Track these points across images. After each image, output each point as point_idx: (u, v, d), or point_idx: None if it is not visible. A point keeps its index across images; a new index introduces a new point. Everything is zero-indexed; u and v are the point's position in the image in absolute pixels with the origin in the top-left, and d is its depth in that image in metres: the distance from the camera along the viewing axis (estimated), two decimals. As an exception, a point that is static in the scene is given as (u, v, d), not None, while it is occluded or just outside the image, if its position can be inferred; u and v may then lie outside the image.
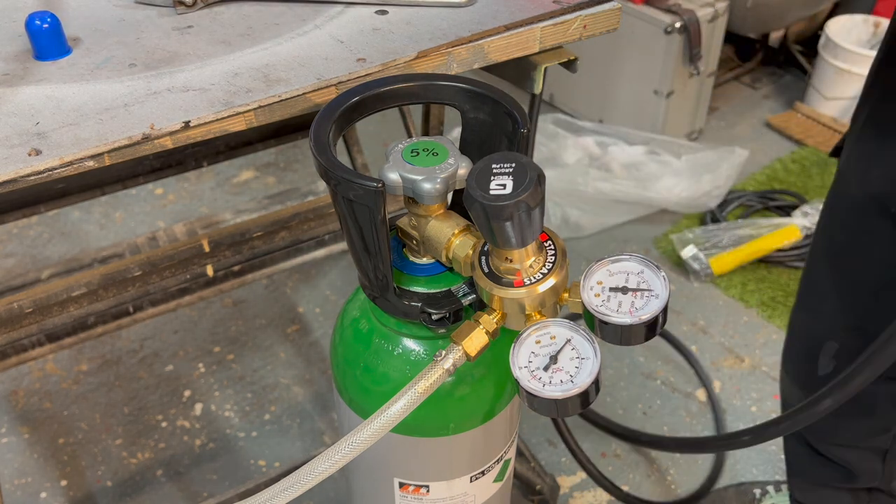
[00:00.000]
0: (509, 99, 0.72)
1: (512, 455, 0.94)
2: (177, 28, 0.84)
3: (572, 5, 0.88)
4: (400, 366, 0.79)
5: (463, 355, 0.67)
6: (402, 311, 0.75)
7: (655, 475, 1.66)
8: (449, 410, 0.81)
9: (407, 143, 0.72)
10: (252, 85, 0.75)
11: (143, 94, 0.74)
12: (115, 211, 2.26)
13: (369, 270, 0.73)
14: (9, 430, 1.72)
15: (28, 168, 0.65)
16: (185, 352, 1.88)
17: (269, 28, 0.84)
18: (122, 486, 1.62)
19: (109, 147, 0.68)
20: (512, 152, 0.61)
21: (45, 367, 1.84)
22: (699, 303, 2.02)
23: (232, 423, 1.73)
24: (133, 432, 1.71)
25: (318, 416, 1.75)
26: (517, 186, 0.59)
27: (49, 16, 0.77)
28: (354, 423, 0.83)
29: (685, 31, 2.25)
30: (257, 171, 2.41)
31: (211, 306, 1.98)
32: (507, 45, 0.84)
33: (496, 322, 0.69)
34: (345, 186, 0.66)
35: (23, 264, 2.09)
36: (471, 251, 0.71)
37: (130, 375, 1.83)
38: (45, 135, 0.69)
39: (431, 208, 0.73)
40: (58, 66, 0.78)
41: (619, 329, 0.64)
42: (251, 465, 1.66)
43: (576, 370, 0.64)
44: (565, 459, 1.68)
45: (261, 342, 1.91)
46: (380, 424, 0.64)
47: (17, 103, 0.72)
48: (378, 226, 0.67)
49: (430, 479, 0.86)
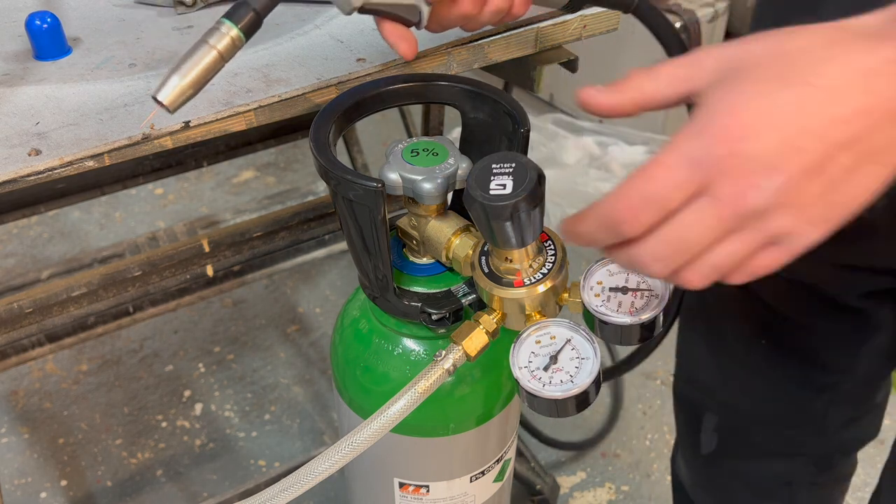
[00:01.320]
0: (509, 99, 0.72)
1: (512, 455, 0.94)
2: (177, 28, 0.84)
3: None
4: (400, 366, 0.79)
5: (463, 355, 0.67)
6: (402, 311, 0.75)
7: (656, 475, 1.66)
8: (449, 410, 0.81)
9: (407, 142, 0.72)
10: (252, 85, 0.75)
11: (143, 94, 0.74)
12: (115, 211, 2.26)
13: (369, 270, 0.73)
14: (9, 430, 1.72)
15: (28, 168, 0.65)
16: (185, 352, 1.88)
17: (269, 28, 0.84)
18: (122, 486, 1.62)
19: (109, 147, 0.68)
20: (512, 152, 0.61)
21: (45, 367, 1.84)
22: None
23: (232, 423, 1.73)
24: (133, 432, 1.71)
25: (318, 416, 1.75)
26: (517, 186, 0.58)
27: (49, 16, 0.77)
28: (354, 423, 0.83)
29: (685, 31, 2.24)
30: (257, 171, 2.41)
31: (211, 306, 1.98)
32: (506, 45, 0.84)
33: (496, 322, 0.69)
34: (345, 186, 0.66)
35: (23, 264, 2.09)
36: (471, 251, 0.71)
37: (130, 375, 1.83)
38: (45, 135, 0.68)
39: (431, 208, 0.73)
40: (58, 66, 0.78)
41: (619, 329, 0.64)
42: (251, 465, 1.66)
43: (576, 370, 0.64)
44: (565, 460, 1.68)
45: (261, 342, 1.91)
46: (380, 424, 0.64)
47: (17, 103, 0.72)
48: (378, 226, 0.67)
49: (430, 479, 0.86)
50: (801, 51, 0.46)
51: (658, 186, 0.47)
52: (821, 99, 0.45)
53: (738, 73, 0.47)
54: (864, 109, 0.44)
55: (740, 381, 0.99)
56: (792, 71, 0.45)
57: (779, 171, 0.45)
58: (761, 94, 0.45)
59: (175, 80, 0.55)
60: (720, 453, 1.05)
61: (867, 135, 0.45)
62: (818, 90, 0.45)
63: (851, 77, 0.44)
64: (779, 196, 0.45)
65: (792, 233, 0.47)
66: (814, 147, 0.45)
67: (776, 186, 0.45)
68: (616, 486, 1.64)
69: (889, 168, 0.46)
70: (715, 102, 0.47)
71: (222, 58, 0.56)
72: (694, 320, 1.03)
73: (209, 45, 0.56)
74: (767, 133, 0.45)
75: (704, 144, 0.46)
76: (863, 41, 0.45)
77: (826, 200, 0.46)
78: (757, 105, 0.45)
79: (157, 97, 0.55)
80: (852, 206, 0.47)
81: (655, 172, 0.47)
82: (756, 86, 0.46)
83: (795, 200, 0.46)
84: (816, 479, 1.04)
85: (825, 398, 0.95)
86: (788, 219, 0.46)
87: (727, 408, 1.02)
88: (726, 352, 0.99)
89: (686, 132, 0.47)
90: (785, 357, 0.94)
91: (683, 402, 1.11)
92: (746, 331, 0.95)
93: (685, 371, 1.09)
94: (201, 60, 0.55)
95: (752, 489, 1.06)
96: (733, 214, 0.46)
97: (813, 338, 0.92)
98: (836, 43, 0.46)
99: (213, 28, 0.56)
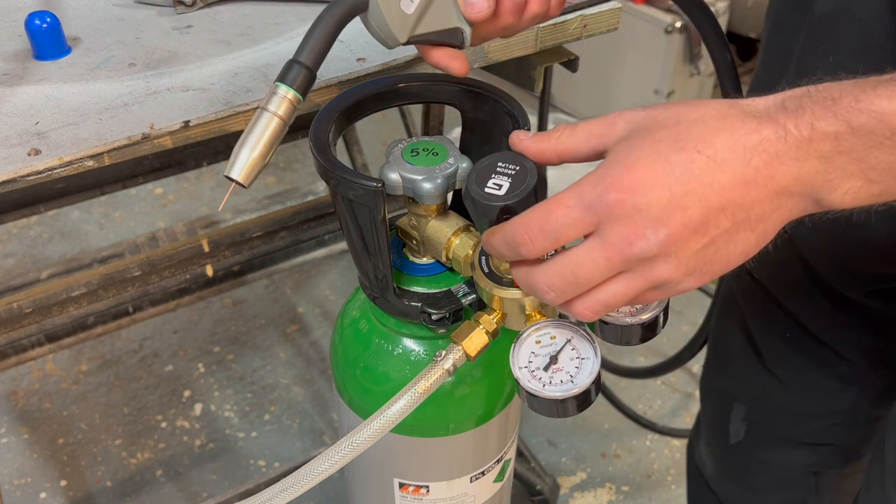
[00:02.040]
0: (509, 98, 0.72)
1: (512, 455, 0.94)
2: (176, 28, 0.84)
3: (572, 5, 0.88)
4: (400, 366, 0.79)
5: (463, 355, 0.67)
6: (402, 311, 0.75)
7: (656, 475, 1.66)
8: (449, 410, 0.81)
9: (407, 142, 0.72)
10: (252, 85, 0.75)
11: (142, 93, 0.74)
12: (114, 211, 2.26)
13: (369, 270, 0.73)
14: (8, 430, 1.71)
15: (28, 168, 0.65)
16: (185, 352, 1.88)
17: (269, 28, 0.84)
18: (122, 486, 1.62)
19: (109, 147, 0.68)
20: (523, 156, 0.61)
21: (44, 367, 1.84)
22: (699, 303, 2.02)
23: (232, 423, 1.73)
24: (133, 432, 1.71)
25: (318, 416, 1.75)
26: (511, 190, 0.58)
27: (49, 15, 0.77)
28: (354, 423, 0.83)
29: (685, 31, 2.24)
30: (257, 171, 2.41)
31: (211, 306, 1.98)
32: (507, 45, 0.84)
33: (496, 322, 0.68)
34: (345, 186, 0.66)
35: (23, 264, 2.09)
36: (471, 251, 0.71)
37: (130, 375, 1.83)
38: (44, 134, 0.68)
39: (431, 208, 0.72)
40: (57, 65, 0.78)
41: (619, 329, 0.64)
42: (251, 465, 1.66)
43: (576, 370, 0.64)
44: (565, 460, 1.68)
45: (261, 342, 1.91)
46: (380, 425, 0.64)
47: (16, 103, 0.72)
48: (378, 226, 0.67)
49: (430, 480, 0.86)
50: (697, 121, 0.51)
51: (553, 221, 0.53)
52: (706, 166, 0.50)
53: (642, 133, 0.53)
54: (743, 180, 0.50)
55: (770, 373, 1.01)
56: (686, 137, 0.51)
57: (664, 225, 0.50)
58: (657, 154, 0.51)
59: (245, 155, 0.55)
60: (748, 443, 1.06)
61: (745, 203, 0.50)
62: (705, 158, 0.50)
63: (734, 150, 0.50)
64: (662, 247, 0.51)
65: (672, 281, 0.52)
66: (696, 206, 0.50)
67: (660, 239, 0.50)
68: (616, 486, 1.64)
69: (764, 235, 0.52)
70: (616, 155, 0.53)
71: (284, 122, 0.57)
72: (728, 311, 1.05)
73: (270, 113, 0.56)
74: (657, 189, 0.50)
75: (600, 191, 0.51)
76: (750, 120, 0.50)
77: (705, 257, 0.52)
78: (651, 164, 0.51)
79: (230, 176, 0.56)
80: (728, 265, 0.53)
81: (554, 208, 0.53)
82: (653, 146, 0.51)
83: (677, 253, 0.51)
84: (843, 469, 1.05)
85: (853, 390, 0.96)
86: (670, 268, 0.52)
87: (757, 398, 1.04)
88: (755, 344, 1.01)
89: (587, 178, 0.53)
90: (812, 350, 0.95)
91: (712, 391, 1.12)
92: (773, 323, 0.97)
93: (717, 361, 1.11)
94: (266, 130, 0.56)
95: (777, 479, 1.07)
96: (620, 258, 0.51)
97: (834, 332, 0.93)
98: (728, 118, 0.51)
99: (270, 94, 0.56)
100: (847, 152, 0.49)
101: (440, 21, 0.63)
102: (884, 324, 0.90)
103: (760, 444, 1.06)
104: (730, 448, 1.09)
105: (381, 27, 0.62)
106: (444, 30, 0.63)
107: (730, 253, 0.52)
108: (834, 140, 0.49)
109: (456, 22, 0.64)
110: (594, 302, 0.54)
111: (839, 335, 0.93)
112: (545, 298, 0.55)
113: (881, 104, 0.48)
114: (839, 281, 0.87)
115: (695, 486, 1.22)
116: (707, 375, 1.14)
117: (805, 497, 1.07)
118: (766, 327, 0.98)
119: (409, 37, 0.63)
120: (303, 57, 0.58)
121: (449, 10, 0.63)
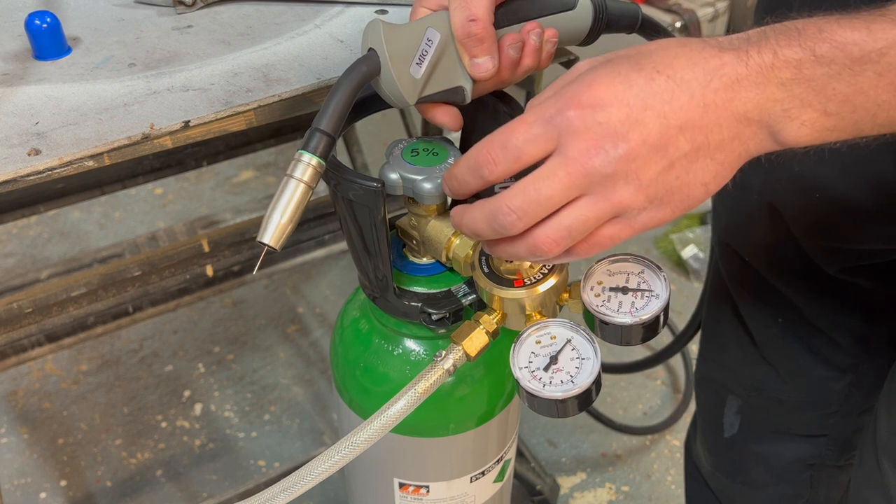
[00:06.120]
0: (509, 98, 0.72)
1: (512, 455, 0.94)
2: (176, 28, 0.84)
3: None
4: (400, 366, 0.79)
5: (463, 355, 0.67)
6: (402, 311, 0.75)
7: (656, 475, 1.66)
8: (449, 410, 0.81)
9: (407, 142, 0.72)
10: (252, 85, 0.75)
11: (142, 93, 0.74)
12: (114, 211, 2.26)
13: (369, 270, 0.73)
14: (8, 430, 1.71)
15: (27, 168, 0.65)
16: (185, 352, 1.88)
17: (269, 28, 0.84)
18: (122, 486, 1.62)
19: (109, 147, 0.68)
20: None
21: (44, 368, 1.84)
22: (699, 303, 2.02)
23: (232, 424, 1.73)
24: (133, 432, 1.71)
25: (318, 416, 1.75)
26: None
27: (49, 15, 0.77)
28: (354, 423, 0.83)
29: (685, 31, 2.24)
30: (257, 171, 2.41)
31: (211, 306, 1.98)
32: (507, 45, 0.84)
33: (496, 322, 0.69)
34: (345, 186, 0.66)
35: (22, 264, 2.09)
36: (471, 251, 0.71)
37: (130, 375, 1.83)
38: (44, 134, 0.68)
39: (431, 208, 0.73)
40: (57, 65, 0.78)
41: (619, 329, 0.64)
42: (251, 465, 1.66)
43: (576, 370, 0.64)
44: (565, 460, 1.68)
45: (261, 342, 1.90)
46: (380, 425, 0.64)
47: (16, 103, 0.72)
48: (378, 226, 0.67)
49: (430, 480, 0.86)
50: (658, 48, 0.53)
51: (514, 138, 0.54)
52: (665, 85, 0.51)
53: (602, 62, 0.54)
54: (702, 101, 0.51)
55: (764, 361, 1.00)
56: (647, 60, 0.52)
57: (623, 140, 0.51)
58: (616, 73, 0.52)
59: (275, 221, 0.59)
60: (742, 436, 1.06)
61: (704, 126, 0.51)
62: (664, 77, 0.51)
63: (694, 72, 0.51)
64: (621, 163, 0.51)
65: (633, 207, 0.53)
66: (654, 123, 0.51)
67: (620, 154, 0.51)
68: (616, 486, 1.64)
69: (723, 167, 0.53)
70: (577, 78, 0.54)
71: (310, 188, 0.60)
72: (720, 299, 1.05)
73: (296, 180, 0.60)
74: (616, 106, 0.51)
75: (560, 106, 0.52)
76: (711, 47, 0.52)
77: (665, 181, 0.52)
78: (610, 81, 0.52)
79: (262, 241, 0.60)
80: (689, 198, 0.53)
81: (515, 126, 0.54)
82: (614, 68, 0.53)
83: (637, 173, 0.52)
84: (838, 462, 1.05)
85: (847, 379, 0.96)
86: (630, 191, 0.52)
87: (751, 389, 1.03)
88: (748, 332, 1.01)
89: (547, 95, 0.54)
90: (803, 337, 0.95)
91: (707, 384, 1.12)
92: (764, 310, 0.97)
93: (710, 352, 1.11)
94: (293, 197, 0.60)
95: (773, 472, 1.07)
96: (580, 172, 0.52)
97: (825, 316, 0.93)
98: (688, 45, 0.52)
99: (295, 161, 0.60)
100: (807, 81, 0.50)
101: (445, 81, 0.66)
102: (874, 306, 0.90)
103: (754, 437, 1.06)
104: (724, 442, 1.09)
105: (392, 92, 0.65)
106: (448, 89, 0.67)
107: (690, 181, 0.53)
108: (795, 67, 0.50)
109: (460, 80, 0.67)
110: (557, 227, 0.54)
111: (830, 318, 0.92)
112: (507, 222, 0.54)
113: (843, 34, 0.49)
114: (825, 258, 0.87)
115: (692, 482, 1.22)
116: (701, 366, 1.14)
117: (800, 491, 1.07)
118: (759, 312, 0.98)
119: (417, 99, 0.66)
120: (323, 124, 0.60)
121: (454, 70, 0.66)
